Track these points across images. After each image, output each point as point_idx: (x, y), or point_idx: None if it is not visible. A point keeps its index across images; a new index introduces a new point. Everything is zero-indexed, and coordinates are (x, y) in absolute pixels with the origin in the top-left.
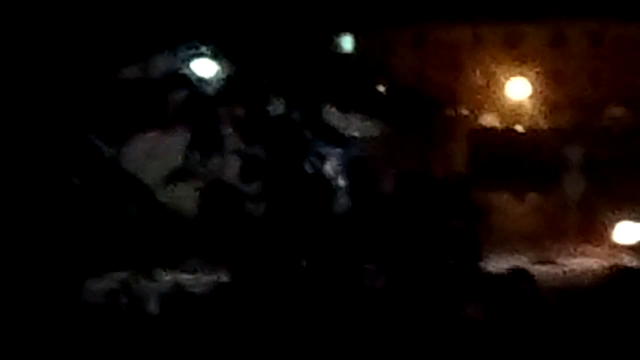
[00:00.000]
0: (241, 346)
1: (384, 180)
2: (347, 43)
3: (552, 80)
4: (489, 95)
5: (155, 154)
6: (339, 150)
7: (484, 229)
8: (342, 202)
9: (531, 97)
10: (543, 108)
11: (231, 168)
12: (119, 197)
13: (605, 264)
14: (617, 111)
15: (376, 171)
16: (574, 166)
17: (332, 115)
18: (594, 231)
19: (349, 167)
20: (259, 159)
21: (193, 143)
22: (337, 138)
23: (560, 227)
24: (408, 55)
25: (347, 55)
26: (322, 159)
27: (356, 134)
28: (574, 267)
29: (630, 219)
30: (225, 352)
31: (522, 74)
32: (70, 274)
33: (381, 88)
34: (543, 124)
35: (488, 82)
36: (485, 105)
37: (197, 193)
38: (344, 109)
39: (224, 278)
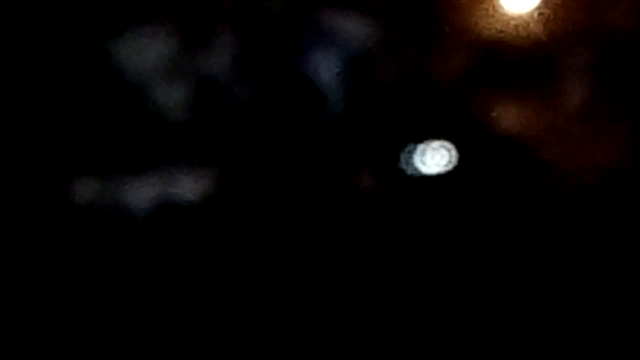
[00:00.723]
0: (228, 256)
1: (381, 84)
2: None
3: None
4: (491, 1)
5: (142, 51)
6: (335, 52)
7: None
8: (337, 105)
9: (534, 4)
10: (546, 14)
11: (222, 67)
12: (104, 97)
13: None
14: (621, 16)
15: (373, 75)
16: (577, 72)
17: (330, 15)
18: (596, 138)
19: (345, 70)
20: (252, 58)
21: (182, 40)
22: (334, 39)
23: (562, 134)
24: None
25: None
26: (318, 60)
27: (354, 36)
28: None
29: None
30: (212, 263)
31: None
32: (51, 174)
33: None
34: (546, 30)
35: None
36: (487, 11)
37: (186, 93)
38: (342, 9)
39: (212, 185)
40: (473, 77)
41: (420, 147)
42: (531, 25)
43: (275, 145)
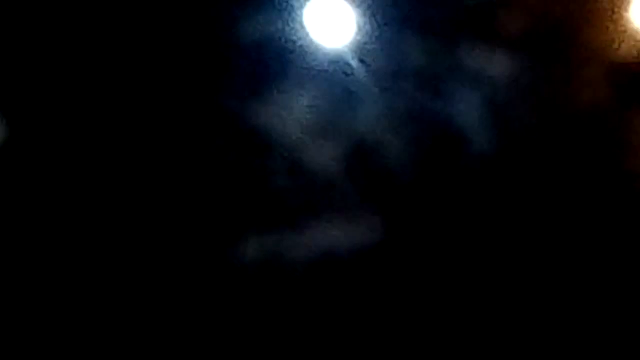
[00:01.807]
0: (394, 307)
1: (525, 119)
2: None
3: None
4: (629, 19)
5: (289, 110)
6: (476, 92)
7: (634, 159)
8: (480, 145)
9: None
10: None
11: (370, 120)
12: (254, 157)
13: None
14: None
15: (516, 110)
16: None
17: (468, 55)
18: None
19: (486, 108)
20: (397, 112)
21: (327, 99)
22: (473, 79)
23: None
24: None
25: None
26: (459, 103)
27: (493, 73)
28: None
29: None
30: (376, 315)
31: None
32: (213, 238)
33: (516, 22)
34: None
35: (626, 6)
36: (625, 31)
37: (336, 150)
38: (480, 47)
39: (370, 238)
40: (613, 101)
41: None
42: None
43: (428, 197)
